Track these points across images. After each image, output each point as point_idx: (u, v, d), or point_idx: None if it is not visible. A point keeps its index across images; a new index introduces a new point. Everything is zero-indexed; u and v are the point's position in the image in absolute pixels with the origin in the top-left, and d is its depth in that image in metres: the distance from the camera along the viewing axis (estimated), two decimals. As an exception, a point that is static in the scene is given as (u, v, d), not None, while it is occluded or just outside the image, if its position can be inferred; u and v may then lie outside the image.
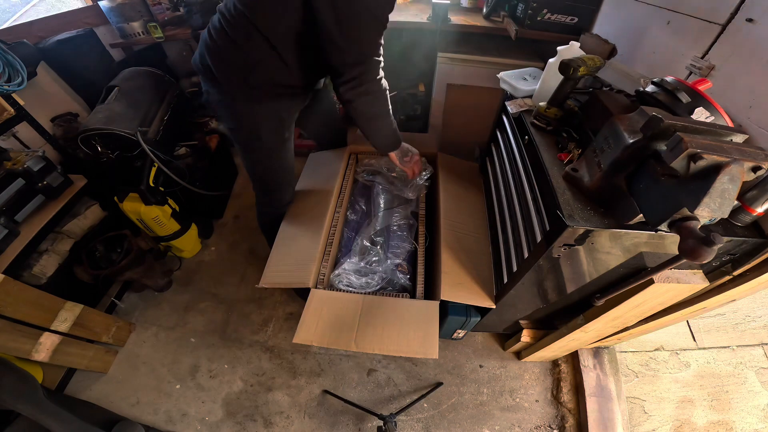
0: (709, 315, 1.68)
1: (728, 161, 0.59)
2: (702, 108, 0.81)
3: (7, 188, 1.24)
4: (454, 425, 1.37)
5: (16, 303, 1.12)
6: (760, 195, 0.75)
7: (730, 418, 1.40)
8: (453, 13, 1.89)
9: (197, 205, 1.88)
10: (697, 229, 0.62)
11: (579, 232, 0.79)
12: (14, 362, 1.14)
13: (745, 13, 0.89)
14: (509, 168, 1.24)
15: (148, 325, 1.63)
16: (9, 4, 1.64)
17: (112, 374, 1.46)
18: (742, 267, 0.89)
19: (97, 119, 1.44)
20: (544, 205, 0.93)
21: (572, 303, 1.16)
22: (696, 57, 1.02)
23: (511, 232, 1.16)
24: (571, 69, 0.94)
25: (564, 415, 1.40)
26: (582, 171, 0.86)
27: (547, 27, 1.63)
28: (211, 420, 1.36)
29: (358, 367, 1.51)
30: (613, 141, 0.77)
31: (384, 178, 1.58)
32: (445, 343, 1.56)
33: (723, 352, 1.60)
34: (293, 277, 1.19)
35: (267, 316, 1.66)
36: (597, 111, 0.95)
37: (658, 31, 1.18)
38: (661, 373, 1.52)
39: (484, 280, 1.22)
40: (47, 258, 1.40)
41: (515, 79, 1.31)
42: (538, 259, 0.91)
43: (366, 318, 1.11)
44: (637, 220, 0.75)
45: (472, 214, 1.42)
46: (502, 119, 1.37)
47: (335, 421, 1.37)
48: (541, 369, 1.53)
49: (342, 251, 1.37)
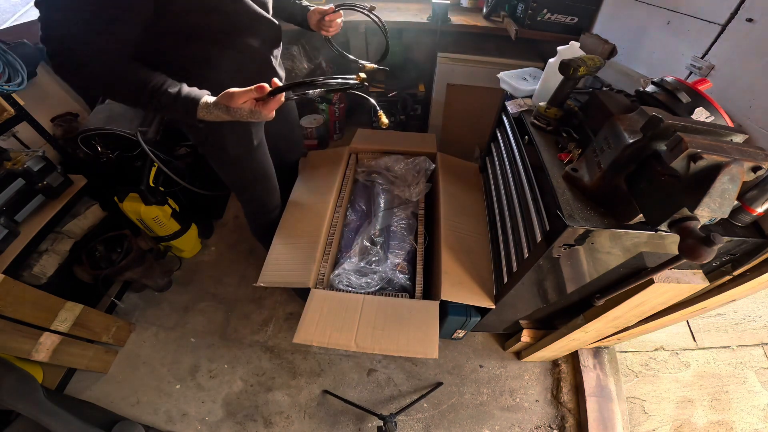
0: (709, 315, 1.68)
1: (728, 161, 0.59)
2: (702, 108, 0.82)
3: (7, 188, 1.24)
4: (454, 425, 1.37)
5: (16, 303, 1.12)
6: (760, 195, 0.75)
7: (730, 418, 1.40)
8: (453, 13, 1.89)
9: (197, 205, 1.88)
10: (697, 229, 0.62)
11: (579, 232, 0.79)
12: (14, 362, 1.14)
13: (745, 13, 0.89)
14: (509, 168, 1.24)
15: (148, 325, 1.62)
16: (9, 4, 1.63)
17: (112, 374, 1.46)
18: (742, 267, 0.89)
19: (97, 119, 1.44)
20: (544, 205, 0.93)
21: (572, 303, 1.16)
22: (696, 57, 1.02)
23: (511, 232, 1.16)
24: (571, 69, 0.94)
25: (564, 415, 1.40)
26: (582, 171, 0.86)
27: (547, 27, 1.63)
28: (211, 420, 1.36)
29: (358, 367, 1.51)
30: (613, 141, 0.77)
31: (384, 178, 1.58)
32: (445, 343, 1.56)
33: (723, 352, 1.60)
34: (293, 277, 1.20)
35: (267, 316, 1.66)
36: (597, 111, 0.95)
37: (658, 31, 1.18)
38: (661, 373, 1.52)
39: (484, 280, 1.22)
40: (47, 258, 1.40)
41: (515, 79, 1.31)
42: (538, 259, 0.91)
43: (366, 318, 1.11)
44: (637, 220, 0.75)
45: (472, 214, 1.42)
46: (502, 119, 1.37)
47: (335, 421, 1.36)
48: (541, 369, 1.53)
49: (342, 251, 1.37)
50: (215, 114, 0.73)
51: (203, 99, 0.74)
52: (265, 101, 0.71)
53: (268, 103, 0.72)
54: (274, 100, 0.72)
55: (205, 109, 0.73)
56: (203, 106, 0.73)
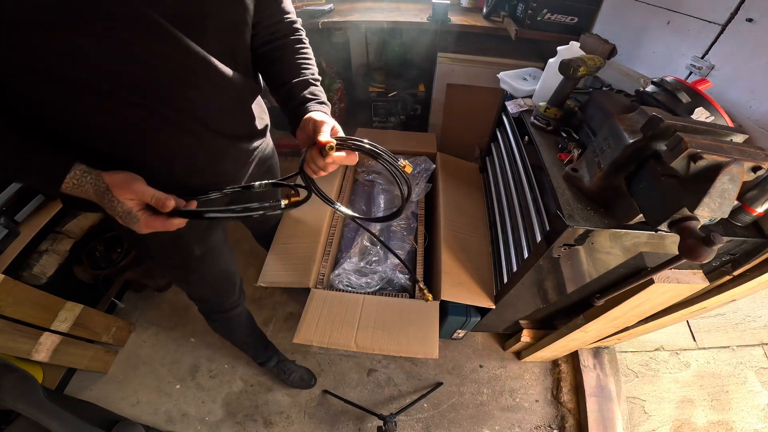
0: (709, 315, 1.68)
1: (728, 161, 0.59)
2: (702, 108, 0.81)
3: (7, 188, 1.24)
4: (454, 425, 1.37)
5: (16, 303, 1.12)
6: (760, 195, 0.75)
7: (730, 418, 1.40)
8: (453, 13, 1.89)
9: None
10: (697, 229, 0.62)
11: (579, 232, 0.79)
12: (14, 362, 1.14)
13: (745, 13, 0.89)
14: (509, 168, 1.24)
15: (148, 325, 1.62)
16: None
17: (112, 374, 1.46)
18: (742, 267, 0.89)
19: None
20: (544, 205, 0.93)
21: (572, 303, 1.16)
22: (696, 57, 1.02)
23: (511, 232, 1.16)
24: (571, 69, 0.94)
25: (564, 415, 1.40)
26: (582, 171, 0.86)
27: (547, 27, 1.63)
28: (211, 420, 1.36)
29: (358, 367, 1.51)
30: (613, 141, 0.77)
31: (384, 178, 1.58)
32: (445, 343, 1.56)
33: (723, 352, 1.60)
34: (293, 277, 1.20)
35: (267, 316, 1.66)
36: (597, 111, 0.95)
37: (658, 31, 1.18)
38: (661, 373, 1.52)
39: (484, 280, 1.22)
40: (47, 258, 1.40)
41: (515, 79, 1.31)
42: (538, 259, 0.91)
43: (366, 318, 1.11)
44: (637, 220, 0.75)
45: (472, 214, 1.42)
46: (502, 119, 1.37)
47: (335, 421, 1.36)
48: (541, 369, 1.53)
49: (342, 251, 1.37)
50: (84, 189, 0.49)
51: (78, 164, 0.49)
52: (157, 215, 0.52)
53: (159, 219, 0.52)
54: (170, 221, 0.52)
55: (81, 177, 0.49)
56: (78, 173, 0.48)
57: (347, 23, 1.85)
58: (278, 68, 0.67)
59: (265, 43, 0.66)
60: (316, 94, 0.64)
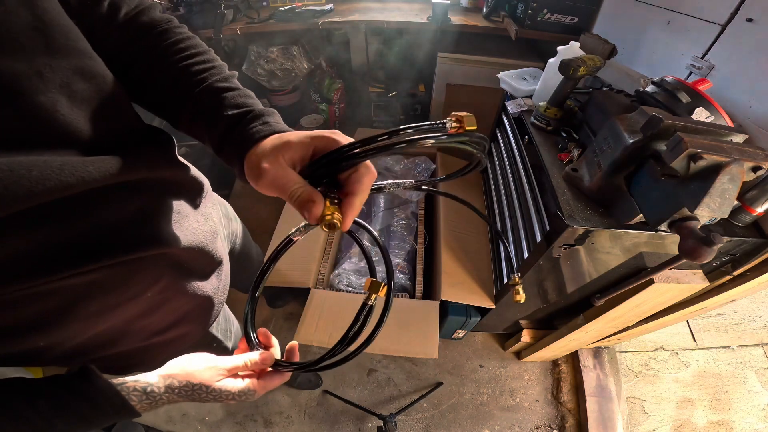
0: (709, 315, 1.68)
1: (728, 161, 0.59)
2: (702, 108, 0.81)
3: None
4: (454, 425, 1.37)
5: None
6: (760, 195, 0.75)
7: (730, 418, 1.40)
8: (453, 13, 1.89)
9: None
10: (697, 229, 0.62)
11: (579, 232, 0.79)
12: (14, 362, 1.14)
13: (745, 13, 0.89)
14: (509, 168, 1.24)
15: (148, 325, 1.62)
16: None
17: (112, 374, 1.46)
18: (742, 267, 0.89)
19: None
20: (544, 205, 0.93)
21: (572, 303, 1.16)
22: (696, 57, 1.02)
23: (511, 232, 1.16)
24: (571, 69, 0.94)
25: (564, 415, 1.40)
26: (582, 171, 0.86)
27: (547, 27, 1.63)
28: (211, 420, 1.36)
29: (358, 367, 1.51)
30: (613, 141, 0.77)
31: (384, 179, 1.58)
32: (445, 343, 1.56)
33: (723, 352, 1.60)
34: (293, 277, 1.20)
35: (267, 315, 1.66)
36: (597, 111, 0.95)
37: (658, 31, 1.18)
38: (661, 373, 1.52)
39: (484, 280, 1.22)
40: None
41: (515, 79, 1.31)
42: (538, 259, 0.91)
43: (366, 318, 1.11)
44: (637, 220, 0.75)
45: (472, 214, 1.42)
46: (502, 119, 1.37)
47: (335, 421, 1.36)
48: (541, 369, 1.53)
49: (342, 251, 1.37)
50: (158, 401, 0.40)
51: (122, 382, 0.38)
52: (271, 375, 0.45)
53: (276, 377, 0.45)
54: (279, 375, 0.46)
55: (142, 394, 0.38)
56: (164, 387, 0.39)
57: (347, 23, 1.85)
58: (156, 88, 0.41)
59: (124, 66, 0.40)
60: (249, 105, 0.38)
